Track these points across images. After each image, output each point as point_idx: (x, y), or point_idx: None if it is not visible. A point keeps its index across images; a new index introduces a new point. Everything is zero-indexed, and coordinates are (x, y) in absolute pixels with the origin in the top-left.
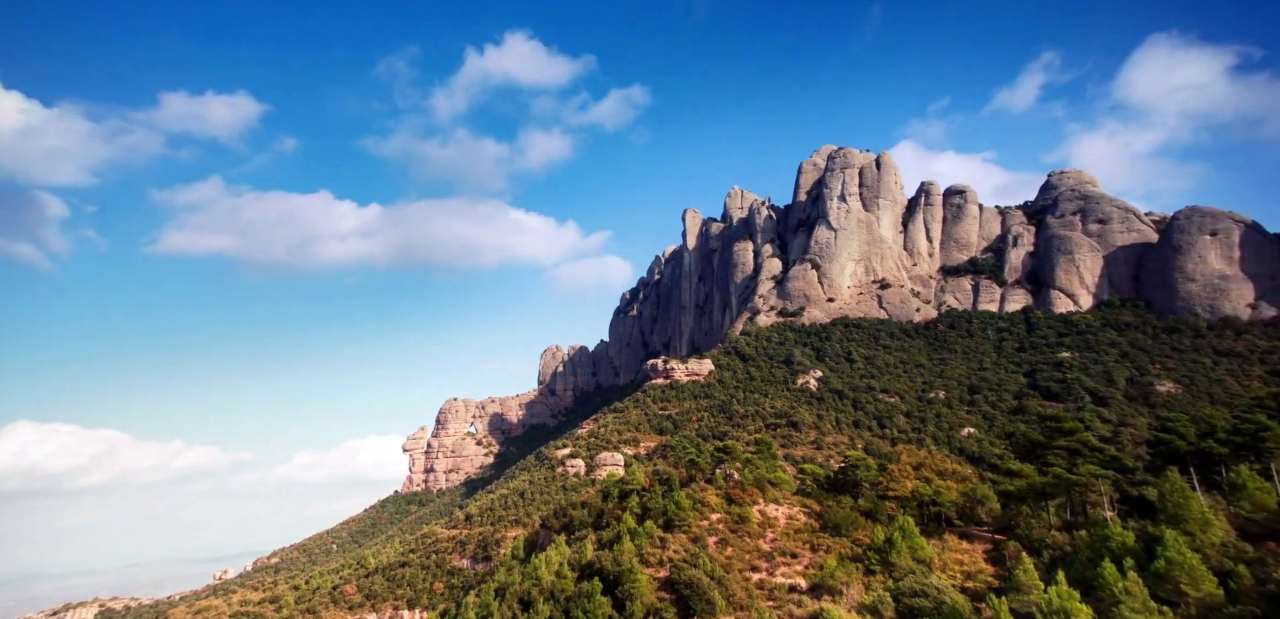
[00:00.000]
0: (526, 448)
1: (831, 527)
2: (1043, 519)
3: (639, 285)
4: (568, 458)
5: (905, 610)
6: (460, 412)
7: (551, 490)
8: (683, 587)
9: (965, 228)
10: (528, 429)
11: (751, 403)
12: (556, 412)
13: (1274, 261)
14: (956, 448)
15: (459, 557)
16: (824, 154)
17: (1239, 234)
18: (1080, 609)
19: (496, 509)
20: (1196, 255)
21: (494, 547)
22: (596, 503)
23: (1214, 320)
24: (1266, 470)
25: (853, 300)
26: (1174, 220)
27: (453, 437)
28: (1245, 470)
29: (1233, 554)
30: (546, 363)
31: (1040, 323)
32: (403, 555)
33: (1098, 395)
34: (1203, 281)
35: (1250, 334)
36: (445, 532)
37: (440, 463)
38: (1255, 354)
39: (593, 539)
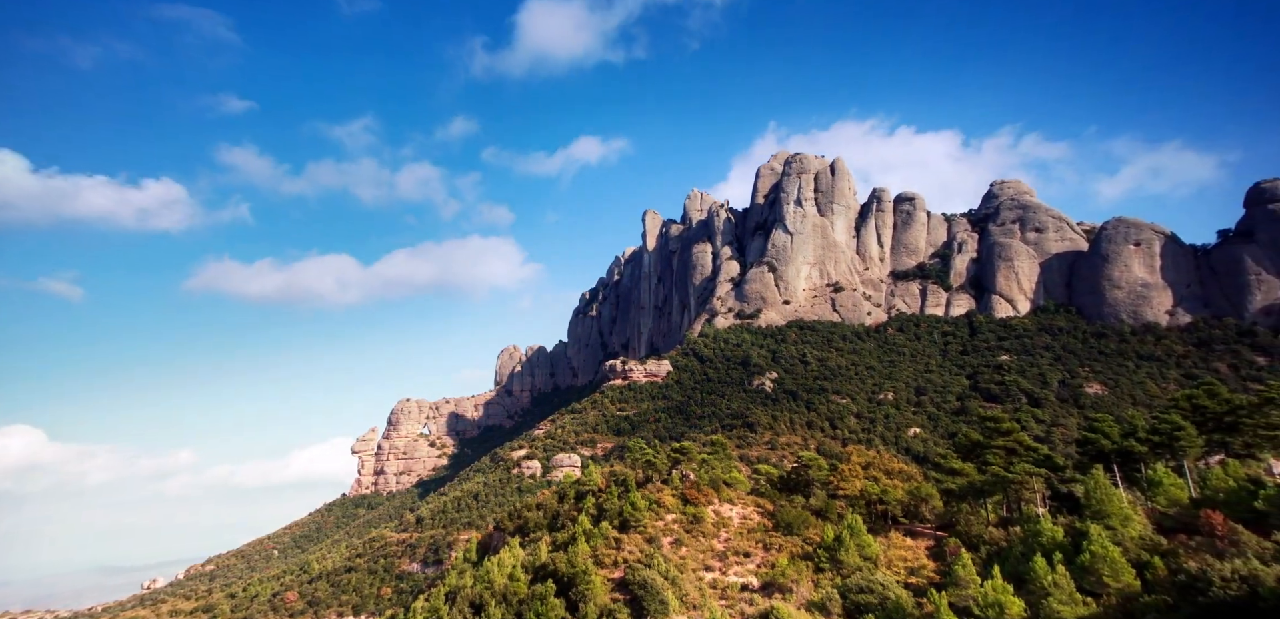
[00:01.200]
0: (482, 449)
1: (784, 526)
2: (981, 516)
3: (598, 286)
4: (524, 459)
5: (851, 607)
6: (413, 412)
7: (506, 492)
8: (636, 587)
9: (914, 234)
10: (483, 430)
11: (709, 404)
12: (513, 412)
13: (1189, 271)
14: (904, 448)
15: (409, 560)
16: (781, 159)
17: (1160, 245)
18: (1013, 602)
19: (449, 512)
20: (1122, 264)
21: (446, 550)
22: (552, 504)
23: (1137, 326)
24: (1180, 468)
25: (808, 303)
26: (1102, 230)
27: (404, 438)
28: (1161, 468)
29: (1149, 547)
30: (504, 363)
31: (982, 327)
32: (349, 560)
33: (1033, 397)
34: (1127, 289)
35: (1168, 339)
36: (395, 535)
37: (391, 465)
38: (1172, 358)
39: (547, 541)
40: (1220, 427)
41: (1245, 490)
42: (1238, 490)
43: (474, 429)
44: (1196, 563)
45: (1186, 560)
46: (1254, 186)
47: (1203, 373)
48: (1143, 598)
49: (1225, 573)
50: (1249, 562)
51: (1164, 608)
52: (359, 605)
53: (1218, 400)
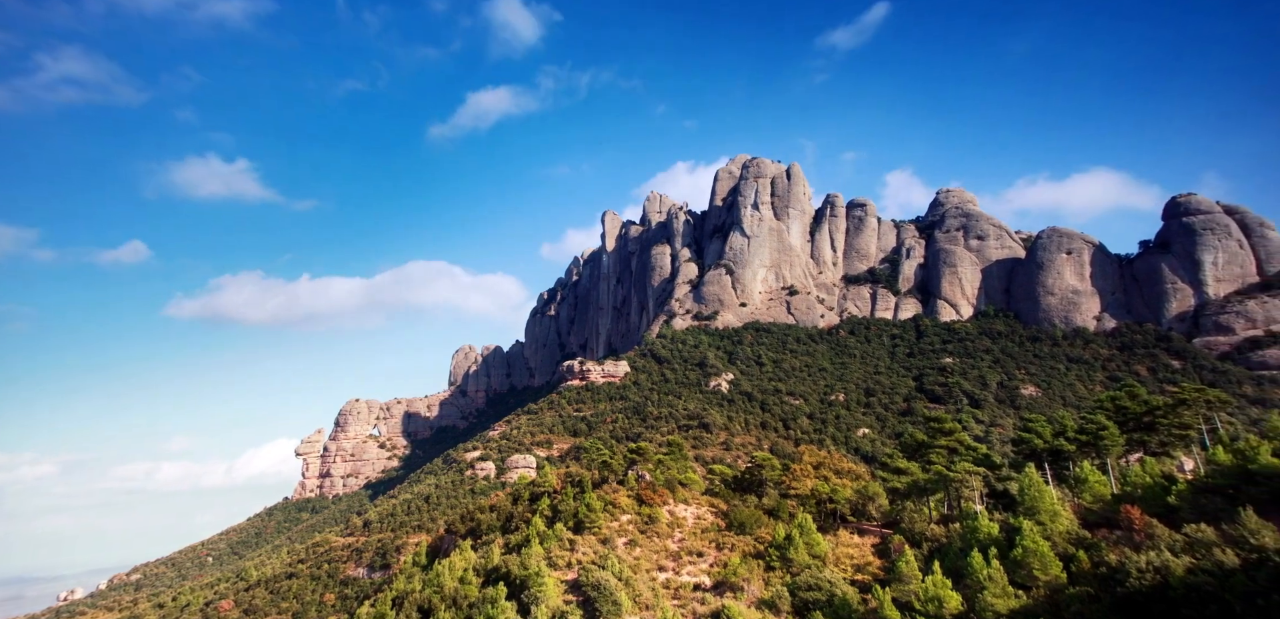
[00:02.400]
0: (434, 451)
1: (737, 525)
2: (924, 513)
3: (557, 286)
4: (478, 461)
5: (800, 604)
6: (362, 413)
7: (459, 494)
8: (590, 588)
9: (865, 239)
10: (436, 432)
11: (666, 405)
12: (467, 413)
13: (1115, 279)
14: (853, 448)
15: (355, 566)
16: (739, 162)
17: (1089, 254)
18: (951, 596)
19: (398, 515)
20: (1055, 272)
21: (394, 554)
22: (506, 506)
23: (1068, 330)
24: (1104, 465)
25: (764, 306)
26: (1038, 239)
27: (352, 439)
28: (1088, 466)
29: (1075, 541)
30: (458, 363)
31: (928, 330)
32: (290, 566)
33: (974, 398)
34: (1060, 295)
35: (1095, 343)
36: (340, 539)
37: (338, 467)
38: (1099, 361)
39: (500, 543)
40: (1139, 426)
41: (1160, 486)
42: (1153, 487)
43: (427, 430)
44: (1116, 556)
45: (1108, 553)
46: (1171, 201)
47: (1125, 376)
48: (1068, 589)
49: (1141, 565)
50: (1161, 554)
51: (1087, 598)
52: (300, 613)
53: (1137, 402)
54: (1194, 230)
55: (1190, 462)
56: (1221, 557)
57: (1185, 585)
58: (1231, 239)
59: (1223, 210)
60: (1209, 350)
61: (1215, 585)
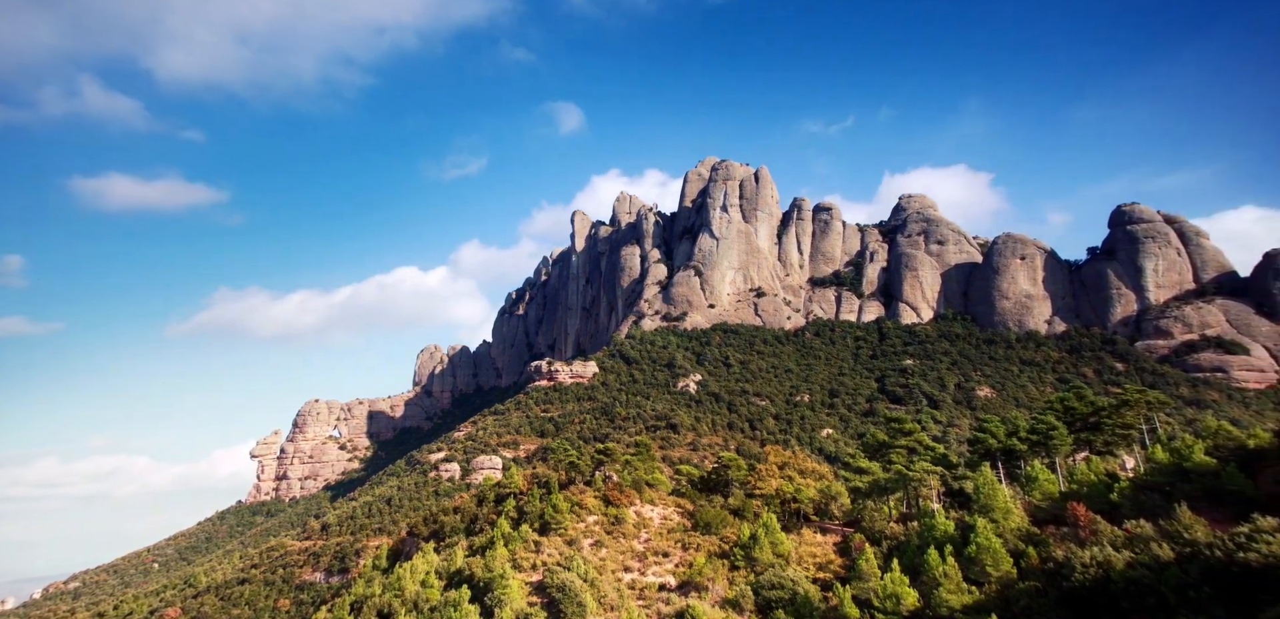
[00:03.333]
0: (397, 452)
1: (702, 525)
2: (885, 512)
3: (525, 285)
4: (442, 462)
5: (763, 602)
6: (322, 414)
7: (422, 496)
8: (555, 590)
9: (831, 243)
10: (399, 433)
11: (634, 405)
12: (432, 414)
13: (1065, 283)
14: (817, 448)
15: (312, 570)
16: (708, 165)
17: (1042, 260)
18: (908, 593)
19: (359, 517)
20: (1010, 276)
21: (353, 558)
22: (470, 508)
23: (1021, 333)
24: (1053, 464)
25: (732, 307)
26: (994, 244)
27: (311, 441)
28: (1038, 464)
29: (1025, 537)
30: (423, 363)
31: (890, 332)
32: (243, 571)
33: (932, 399)
34: (1014, 299)
35: (1046, 346)
36: (297, 543)
37: (296, 469)
38: (1049, 364)
39: (464, 545)
40: (1086, 427)
41: (1104, 484)
42: (1098, 484)
43: (390, 431)
44: (1063, 551)
45: (1055, 549)
46: (1116, 209)
47: (1073, 378)
48: (1018, 585)
49: (1085, 560)
50: (1104, 549)
51: (1035, 593)
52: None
53: (1084, 403)
54: (1137, 238)
55: (1132, 460)
56: (1158, 551)
57: (1125, 579)
58: (1171, 247)
59: (1163, 220)
60: (1150, 353)
61: (1152, 579)
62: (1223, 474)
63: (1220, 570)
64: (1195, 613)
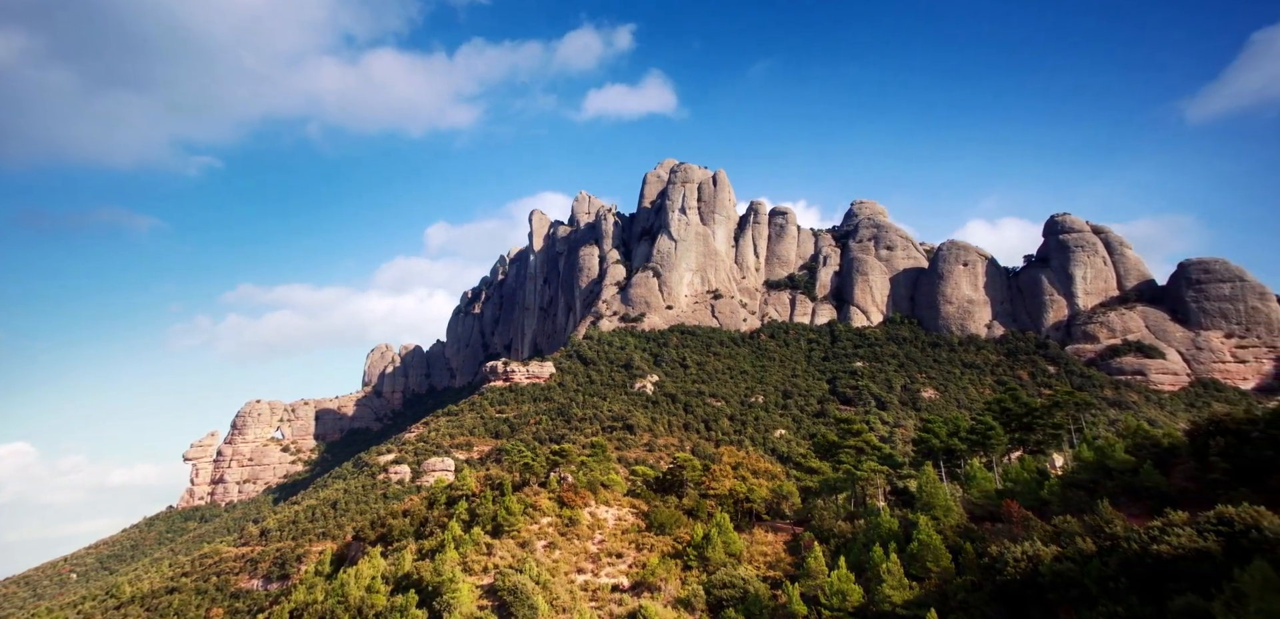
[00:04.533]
0: (345, 455)
1: (657, 526)
2: (833, 510)
3: (482, 285)
4: (392, 464)
5: (714, 601)
6: (264, 415)
7: (370, 499)
8: (506, 593)
9: (786, 246)
10: (347, 434)
11: (590, 406)
12: (382, 415)
13: (1003, 289)
14: (770, 448)
15: (249, 577)
16: (667, 166)
17: (983, 266)
18: (853, 589)
19: (301, 522)
20: (954, 282)
21: (295, 564)
22: (420, 511)
23: (963, 337)
24: (990, 463)
25: (689, 309)
26: (939, 251)
27: (252, 442)
28: (977, 463)
29: (963, 533)
30: (374, 363)
31: (841, 335)
32: (173, 580)
33: (880, 400)
34: (957, 304)
35: (986, 349)
36: (233, 549)
37: (234, 472)
38: (988, 366)
39: (413, 549)
40: (1020, 426)
41: (1035, 482)
42: (1030, 482)
43: (337, 433)
44: (997, 547)
45: (990, 545)
46: (1050, 219)
47: (1010, 380)
48: (956, 579)
49: (1017, 554)
50: (1034, 544)
51: (971, 587)
52: None
53: (1018, 404)
54: (1068, 247)
55: (1061, 458)
56: (1082, 545)
57: (1052, 572)
58: (1098, 256)
59: (1091, 230)
60: (1078, 357)
61: (1076, 571)
62: (1140, 471)
63: (1136, 562)
64: (1114, 603)
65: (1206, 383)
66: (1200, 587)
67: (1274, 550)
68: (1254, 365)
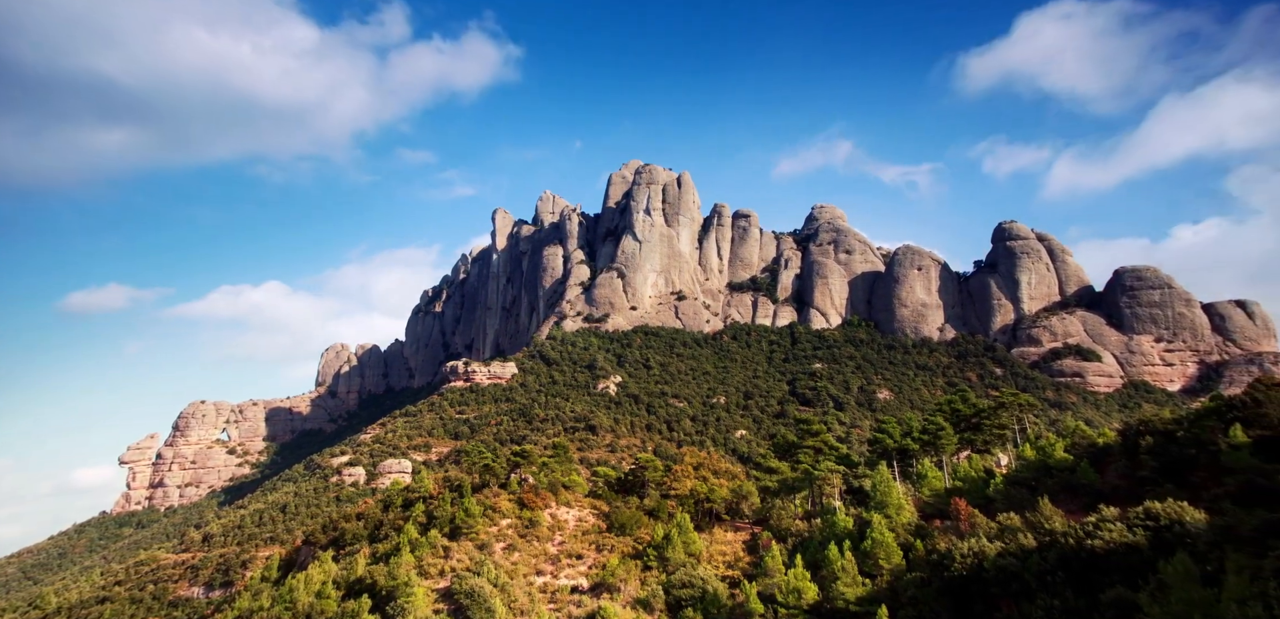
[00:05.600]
0: (296, 457)
1: (617, 527)
2: (791, 510)
3: (443, 284)
4: (346, 466)
5: (673, 601)
6: (209, 416)
7: (322, 502)
8: (463, 596)
9: (748, 249)
10: (299, 436)
11: (553, 407)
12: (336, 416)
13: (955, 293)
14: (731, 449)
15: (189, 584)
16: (632, 168)
17: (936, 271)
18: (809, 587)
19: (248, 526)
20: (908, 286)
21: (239, 570)
22: (375, 513)
23: (917, 340)
24: (940, 462)
25: (653, 310)
26: (895, 255)
27: (195, 445)
28: (928, 463)
29: (914, 531)
30: (328, 363)
31: (801, 337)
32: (104, 589)
33: (838, 401)
34: (912, 308)
35: (938, 352)
36: (172, 556)
37: (175, 476)
38: (940, 368)
39: (367, 553)
40: (969, 427)
41: (982, 480)
42: (977, 480)
43: (288, 434)
44: (945, 543)
45: (939, 541)
46: (998, 226)
47: (960, 382)
48: (907, 576)
49: (963, 551)
50: (979, 540)
51: (920, 583)
52: None
53: (967, 405)
54: (1015, 254)
55: (1006, 457)
56: (1024, 541)
57: (996, 567)
58: (1042, 262)
59: (1036, 238)
60: (1023, 359)
61: (1017, 566)
62: (1077, 470)
63: (1072, 557)
64: (1051, 596)
65: (1138, 385)
66: (1129, 579)
67: (1195, 543)
68: (1180, 368)
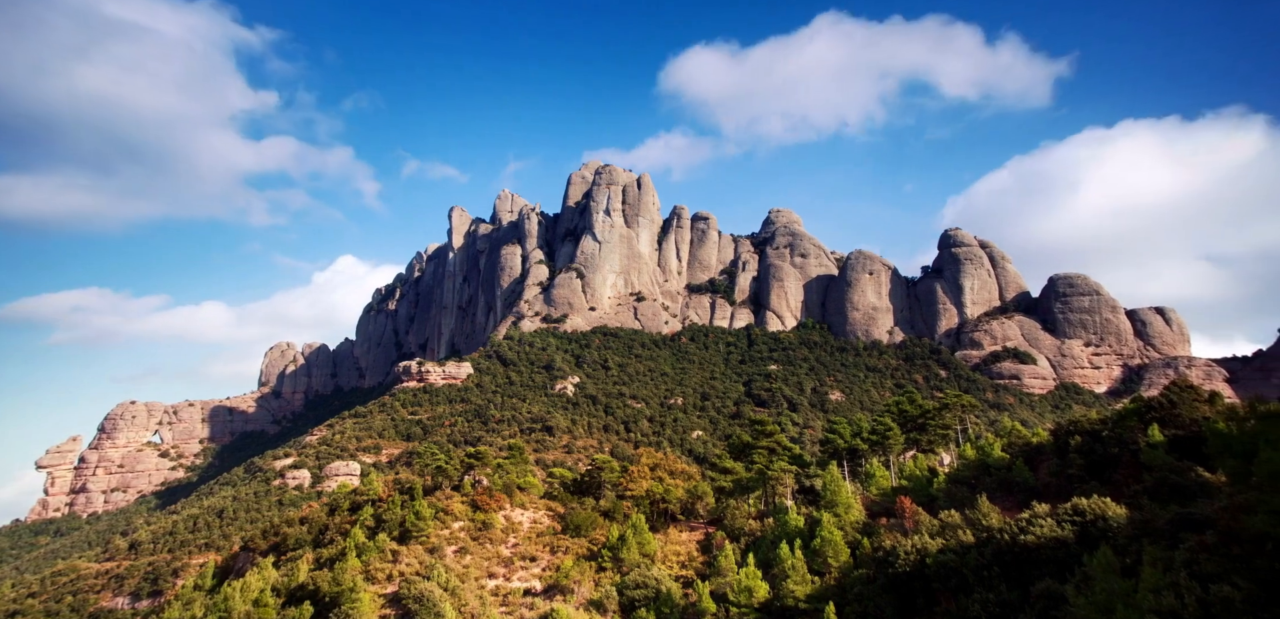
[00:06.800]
0: (236, 459)
1: (573, 528)
2: (744, 509)
3: (396, 281)
4: (290, 468)
5: (627, 602)
6: (139, 417)
7: (264, 507)
8: (411, 601)
9: (707, 251)
10: (240, 438)
11: (509, 408)
12: (280, 417)
13: (904, 297)
14: (688, 450)
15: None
16: (592, 167)
17: (887, 275)
18: (760, 586)
19: (180, 532)
20: (860, 290)
21: (169, 579)
22: (320, 518)
23: (867, 342)
24: (888, 461)
25: (612, 310)
26: (848, 260)
27: (123, 448)
28: (876, 462)
29: (862, 529)
30: (272, 362)
31: (758, 339)
32: (16, 601)
33: (792, 402)
34: (863, 311)
35: (887, 354)
36: (94, 565)
37: (99, 481)
38: (889, 370)
39: (310, 558)
40: (915, 427)
41: (926, 479)
42: (921, 479)
43: (227, 436)
44: (890, 541)
45: (885, 539)
46: (944, 232)
47: (907, 384)
48: (853, 572)
49: (907, 548)
50: (922, 537)
51: (866, 579)
52: None
53: (914, 406)
54: (959, 260)
55: (949, 457)
56: (963, 537)
57: (937, 563)
58: (984, 268)
59: (979, 245)
60: (965, 362)
61: (957, 562)
62: (1013, 468)
63: (1006, 551)
64: (986, 590)
65: (1069, 387)
66: (1058, 572)
67: (1117, 537)
68: (1106, 371)
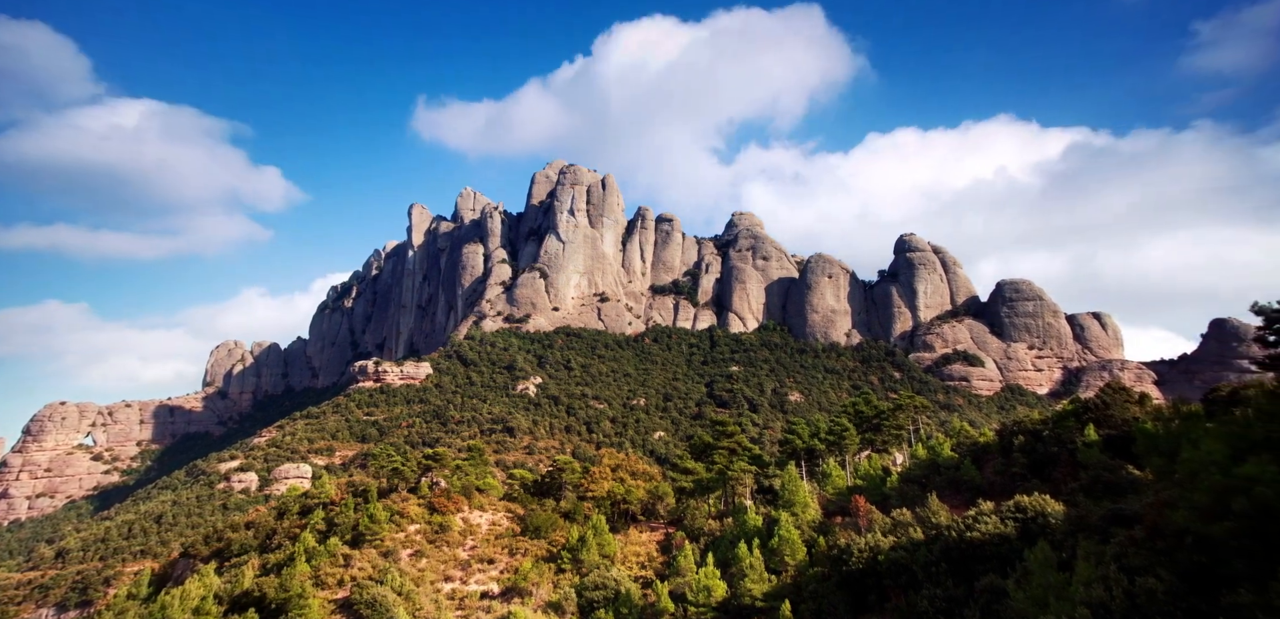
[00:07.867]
0: (178, 462)
1: (532, 530)
2: (704, 509)
3: (352, 279)
4: (235, 471)
5: (586, 603)
6: (69, 419)
7: (207, 511)
8: (363, 606)
9: (671, 253)
10: (182, 440)
11: (469, 408)
12: (226, 418)
13: (861, 301)
14: (650, 451)
15: (36, 606)
16: (556, 167)
17: (845, 279)
18: (718, 585)
19: (114, 539)
20: (820, 293)
21: (101, 588)
22: (267, 522)
23: (826, 344)
24: (844, 461)
25: (576, 311)
26: (808, 263)
27: (50, 451)
28: (833, 462)
29: (818, 528)
30: (218, 361)
31: (720, 340)
32: None
33: (753, 403)
34: (822, 314)
35: (845, 356)
36: (16, 575)
37: (22, 487)
38: (846, 371)
39: (256, 564)
40: (870, 427)
41: (879, 478)
42: (875, 478)
43: (168, 438)
44: (845, 539)
45: (840, 537)
46: (899, 238)
47: (863, 385)
48: (809, 571)
49: (861, 545)
50: (875, 535)
51: (821, 577)
52: None
53: (869, 407)
54: (914, 265)
55: (902, 456)
56: (913, 534)
57: (889, 560)
58: (936, 273)
59: (932, 250)
60: (919, 364)
61: (907, 558)
62: (962, 467)
63: (954, 547)
64: (934, 585)
65: (1014, 388)
66: (1001, 567)
67: (1054, 533)
68: (1048, 373)
